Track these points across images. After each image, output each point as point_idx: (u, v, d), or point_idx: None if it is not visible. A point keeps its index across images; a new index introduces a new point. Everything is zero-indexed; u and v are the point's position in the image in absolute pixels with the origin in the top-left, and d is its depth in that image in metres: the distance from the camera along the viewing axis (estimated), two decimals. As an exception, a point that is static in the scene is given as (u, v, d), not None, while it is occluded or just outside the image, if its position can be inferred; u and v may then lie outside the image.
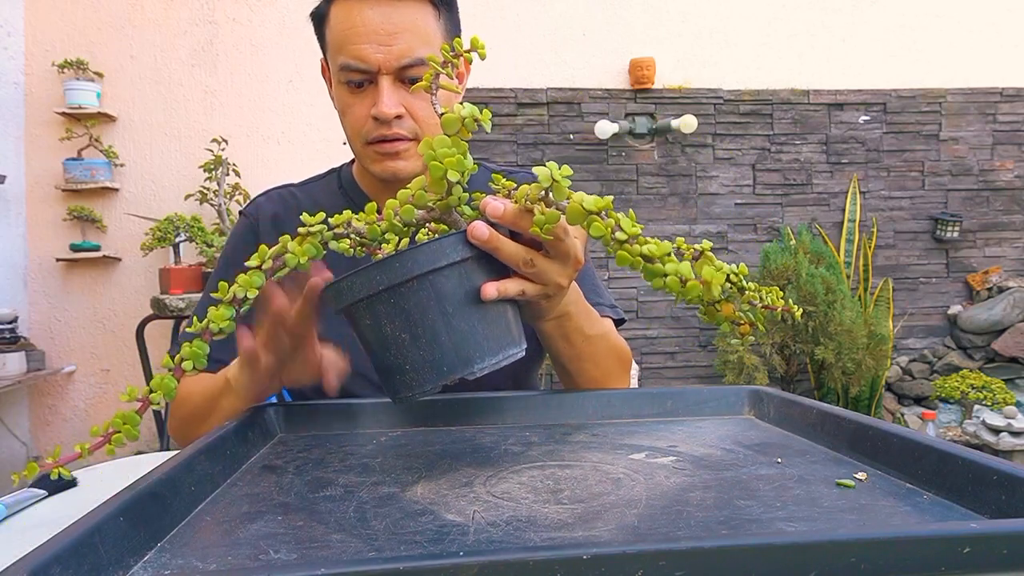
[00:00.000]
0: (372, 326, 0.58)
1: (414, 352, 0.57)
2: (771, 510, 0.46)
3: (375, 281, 0.56)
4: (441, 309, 0.57)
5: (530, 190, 0.59)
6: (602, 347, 0.88)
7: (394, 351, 0.58)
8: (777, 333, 3.03)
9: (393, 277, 0.56)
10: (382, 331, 0.58)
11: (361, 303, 0.58)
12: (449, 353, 0.57)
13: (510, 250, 0.60)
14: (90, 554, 0.37)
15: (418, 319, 0.57)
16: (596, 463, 0.58)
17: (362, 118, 0.92)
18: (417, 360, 0.57)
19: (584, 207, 0.56)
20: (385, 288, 0.56)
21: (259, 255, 0.58)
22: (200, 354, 0.56)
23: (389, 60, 0.89)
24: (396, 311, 0.57)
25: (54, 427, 3.15)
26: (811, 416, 0.66)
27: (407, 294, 0.56)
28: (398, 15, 0.88)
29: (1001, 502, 0.44)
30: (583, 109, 3.31)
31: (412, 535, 0.42)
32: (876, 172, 3.46)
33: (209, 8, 3.17)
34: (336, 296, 0.60)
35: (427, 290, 0.57)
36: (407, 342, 0.57)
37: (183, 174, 3.14)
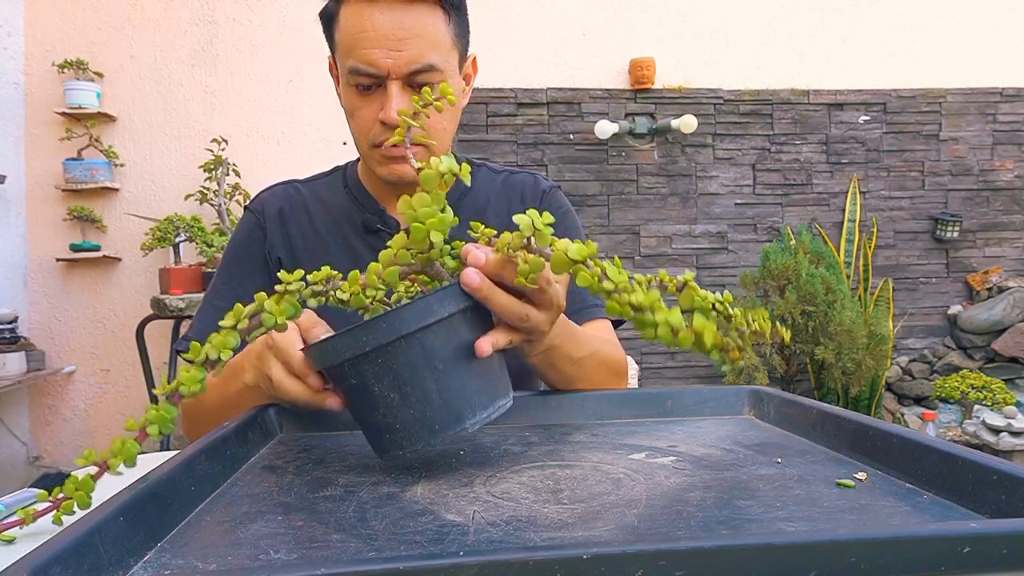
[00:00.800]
0: (359, 386, 0.57)
1: (404, 411, 0.56)
2: (771, 510, 0.46)
3: (362, 342, 0.55)
4: (431, 367, 0.56)
5: (512, 238, 0.58)
6: (591, 366, 0.87)
7: (383, 410, 0.56)
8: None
9: (380, 337, 0.54)
10: (370, 391, 0.56)
11: (347, 363, 0.56)
12: (440, 410, 0.56)
13: (502, 301, 0.59)
14: (90, 554, 0.37)
15: (407, 378, 0.55)
16: (596, 463, 0.58)
17: (369, 121, 0.92)
18: (407, 419, 0.56)
19: (569, 256, 0.54)
20: (372, 348, 0.54)
21: (234, 314, 0.56)
22: (167, 419, 0.54)
23: (399, 65, 0.88)
24: (384, 371, 0.55)
25: (54, 427, 3.15)
26: (811, 416, 0.66)
27: (395, 353, 0.55)
28: (409, 20, 0.88)
29: (1001, 502, 0.44)
30: (583, 109, 3.31)
31: (412, 535, 0.42)
32: (876, 172, 3.46)
33: (209, 8, 3.17)
34: (321, 356, 0.58)
35: (416, 348, 0.55)
36: (396, 401, 0.56)
37: (183, 174, 3.14)
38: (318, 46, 1.02)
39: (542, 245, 0.57)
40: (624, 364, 0.96)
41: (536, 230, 0.56)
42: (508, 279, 0.59)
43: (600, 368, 0.89)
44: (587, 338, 0.88)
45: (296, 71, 3.19)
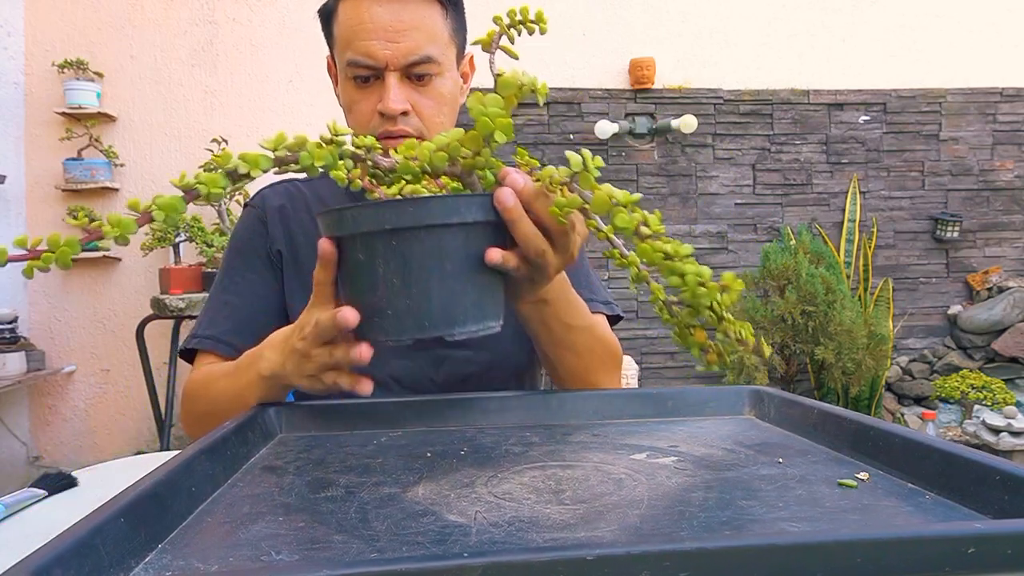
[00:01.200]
0: (365, 262, 0.57)
1: (401, 299, 0.56)
2: (773, 510, 0.45)
3: (383, 219, 0.55)
4: (440, 264, 0.56)
5: (556, 173, 0.59)
6: (585, 339, 0.87)
7: (381, 293, 0.57)
8: (777, 333, 3.03)
9: (403, 220, 0.55)
10: (374, 270, 0.56)
11: (360, 236, 0.56)
12: (436, 310, 0.57)
13: (526, 229, 0.60)
14: (91, 555, 0.37)
15: (415, 268, 0.56)
16: (597, 463, 0.58)
17: (368, 114, 0.92)
18: (402, 308, 0.57)
19: (613, 198, 0.55)
20: (391, 228, 0.55)
21: (276, 140, 0.55)
22: (177, 207, 0.52)
23: (396, 57, 0.89)
24: (395, 254, 0.56)
25: (54, 427, 3.14)
26: (812, 416, 0.66)
27: (412, 241, 0.55)
28: (407, 13, 0.89)
29: (1004, 502, 0.44)
30: (583, 109, 3.31)
31: (414, 536, 0.42)
32: (876, 172, 3.46)
33: (209, 8, 3.16)
34: (336, 223, 0.58)
35: (433, 242, 0.56)
36: (397, 287, 0.56)
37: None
38: (318, 46, 1.02)
39: (584, 188, 0.57)
40: (619, 354, 0.96)
41: (584, 170, 0.56)
42: (539, 211, 0.60)
43: (594, 346, 0.89)
44: (585, 311, 0.88)
45: (296, 71, 3.19)
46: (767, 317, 3.02)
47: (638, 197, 0.56)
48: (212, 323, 0.98)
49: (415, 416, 0.73)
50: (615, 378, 0.95)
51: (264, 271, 1.01)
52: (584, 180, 0.57)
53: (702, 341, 0.57)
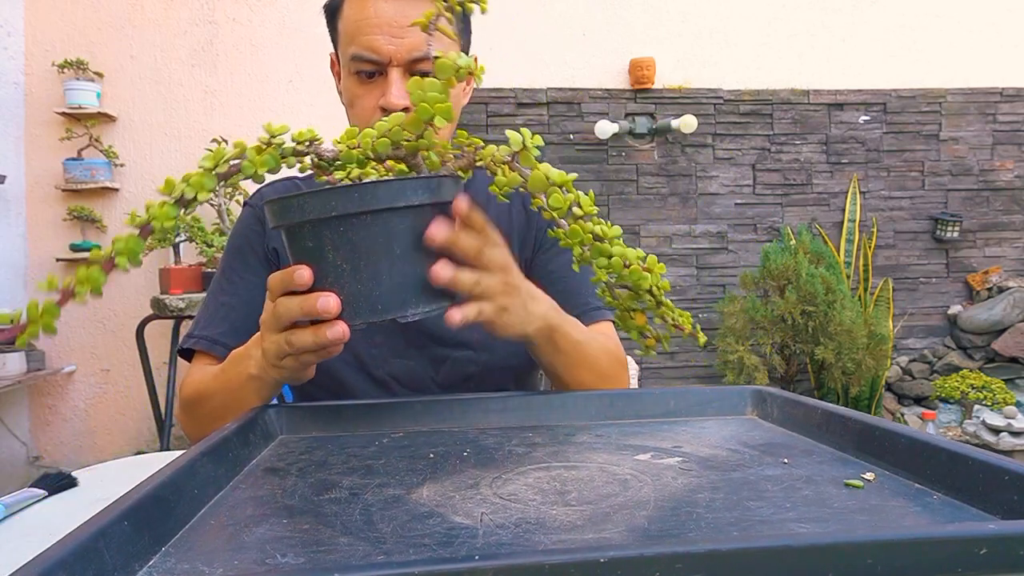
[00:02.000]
0: (313, 249, 0.57)
1: (352, 284, 0.57)
2: (781, 511, 0.45)
3: (329, 206, 0.55)
4: (388, 248, 0.57)
5: (496, 152, 0.60)
6: (594, 349, 0.87)
7: (332, 279, 0.57)
8: (777, 333, 3.03)
9: (349, 206, 0.55)
10: (323, 257, 0.57)
11: (307, 224, 0.56)
12: (387, 293, 0.57)
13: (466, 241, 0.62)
14: (95, 559, 0.36)
15: (364, 253, 0.56)
16: (602, 464, 0.58)
17: (370, 109, 0.93)
18: (353, 293, 0.57)
19: (549, 177, 0.57)
20: (338, 215, 0.55)
21: (215, 156, 0.55)
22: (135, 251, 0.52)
23: (400, 52, 0.90)
24: (343, 241, 0.56)
25: (54, 427, 3.14)
26: (816, 416, 0.66)
27: (359, 226, 0.56)
28: (412, 9, 0.90)
29: (1013, 502, 0.43)
30: (583, 109, 3.31)
31: (420, 538, 0.42)
32: (876, 172, 3.46)
33: (209, 8, 3.16)
34: (282, 212, 0.58)
35: (381, 226, 0.56)
36: (347, 273, 0.57)
37: (183, 174, 3.13)
38: (318, 46, 1.02)
39: (525, 165, 0.59)
40: (623, 356, 0.97)
41: (524, 148, 0.58)
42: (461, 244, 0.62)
43: (602, 354, 0.89)
44: (582, 326, 0.89)
45: (296, 71, 3.19)
46: (767, 317, 3.02)
47: (574, 177, 0.58)
48: (208, 324, 0.98)
49: (417, 417, 0.73)
50: (625, 380, 0.95)
51: (261, 271, 1.01)
52: (524, 158, 0.59)
53: (641, 325, 0.59)
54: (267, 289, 0.65)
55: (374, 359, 0.98)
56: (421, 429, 0.72)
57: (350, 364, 0.97)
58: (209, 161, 0.55)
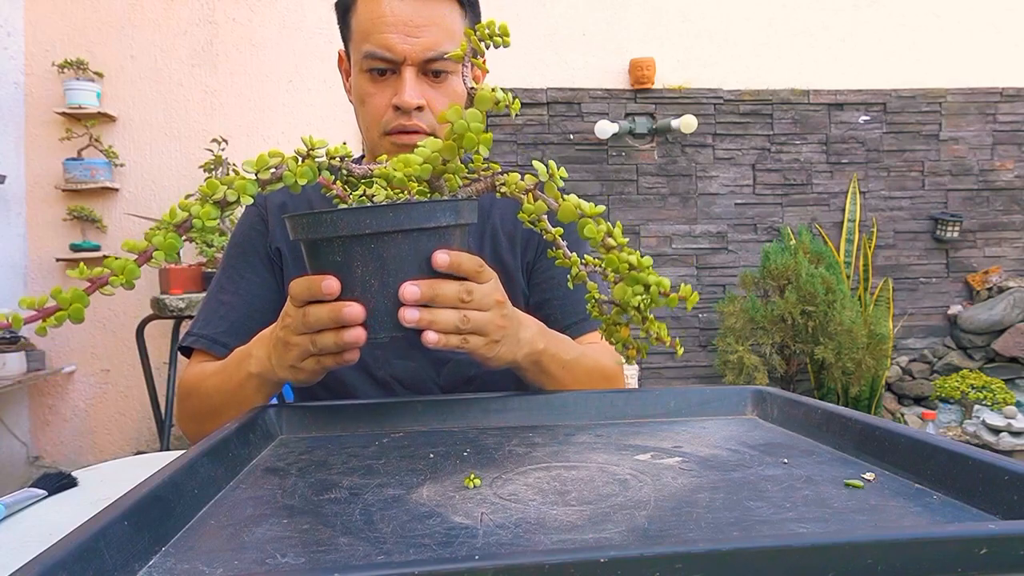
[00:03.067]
0: (341, 263, 0.59)
1: (379, 299, 0.59)
2: (781, 511, 0.45)
3: (363, 224, 0.57)
4: (416, 265, 0.60)
5: (520, 181, 0.62)
6: (583, 368, 0.88)
7: (358, 293, 0.59)
8: (777, 333, 3.02)
9: (382, 224, 0.57)
10: (351, 270, 0.59)
11: (337, 240, 0.58)
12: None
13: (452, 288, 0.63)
14: (95, 559, 0.36)
15: (393, 269, 0.59)
16: (602, 464, 0.58)
17: (382, 107, 0.92)
18: (379, 308, 0.60)
19: (580, 209, 0.60)
20: (371, 232, 0.57)
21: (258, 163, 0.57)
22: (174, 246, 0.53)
23: (415, 51, 0.90)
24: (373, 257, 0.58)
25: (54, 427, 3.14)
26: (816, 416, 0.66)
27: (390, 244, 0.58)
28: (427, 9, 0.90)
29: (1013, 502, 0.43)
30: (583, 109, 3.31)
31: (420, 538, 0.42)
32: (876, 172, 3.46)
33: (209, 8, 3.16)
34: (312, 226, 0.59)
35: (410, 245, 0.59)
36: (374, 289, 0.59)
37: (183, 174, 3.13)
38: (318, 46, 1.02)
39: (549, 195, 0.61)
40: (618, 370, 0.97)
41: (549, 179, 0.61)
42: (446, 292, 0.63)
43: (592, 372, 0.90)
44: (572, 343, 0.90)
45: (296, 71, 3.19)
46: (767, 317, 3.02)
47: (603, 209, 0.60)
48: (208, 322, 0.98)
49: (417, 417, 0.73)
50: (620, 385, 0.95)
51: (263, 270, 1.01)
52: (549, 189, 0.61)
53: (625, 337, 0.62)
54: (289, 295, 0.65)
55: (376, 360, 0.98)
56: (421, 429, 0.72)
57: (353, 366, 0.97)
58: (252, 166, 0.57)
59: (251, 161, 0.57)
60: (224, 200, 0.55)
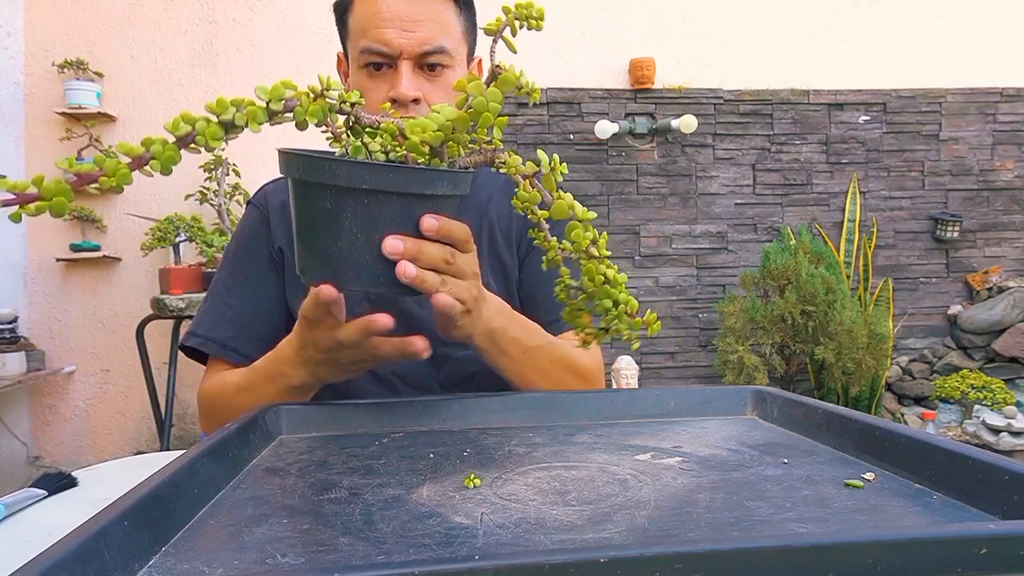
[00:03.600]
0: (331, 211, 0.58)
1: (362, 254, 0.59)
2: (781, 511, 0.45)
3: (361, 178, 0.56)
4: (405, 229, 0.60)
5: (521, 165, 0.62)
6: (548, 357, 0.88)
7: (342, 244, 0.59)
8: (777, 333, 3.02)
9: (380, 183, 0.57)
10: (339, 222, 0.58)
11: (332, 188, 0.57)
12: (391, 269, 0.60)
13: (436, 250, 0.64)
14: (95, 559, 0.36)
15: (381, 227, 0.59)
16: (602, 464, 0.58)
17: (378, 100, 0.94)
18: (361, 262, 0.59)
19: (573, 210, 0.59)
20: (367, 188, 0.56)
21: (272, 91, 0.55)
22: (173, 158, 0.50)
23: (411, 45, 0.91)
24: (365, 212, 0.58)
25: (54, 427, 3.14)
26: (816, 416, 0.66)
27: (384, 202, 0.58)
28: (422, 5, 0.92)
29: (1013, 502, 0.43)
30: (583, 109, 3.31)
31: (420, 538, 0.42)
32: (876, 172, 3.46)
33: (209, 8, 3.16)
34: (307, 168, 0.58)
35: (404, 207, 0.59)
36: (359, 243, 0.59)
37: (183, 174, 3.13)
38: (318, 46, 1.03)
39: (546, 187, 0.61)
40: (593, 368, 0.96)
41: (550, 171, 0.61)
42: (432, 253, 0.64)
43: (557, 364, 0.90)
44: (539, 331, 0.90)
45: (296, 71, 3.19)
46: (767, 317, 3.02)
47: (594, 216, 0.60)
48: (215, 326, 0.98)
49: (417, 417, 0.73)
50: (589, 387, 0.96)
51: (267, 271, 1.01)
52: (546, 180, 0.60)
53: (586, 324, 0.63)
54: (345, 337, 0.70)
55: None
56: (421, 429, 0.72)
57: None
58: (266, 94, 0.55)
59: (264, 88, 0.55)
60: (231, 122, 0.52)
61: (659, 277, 3.39)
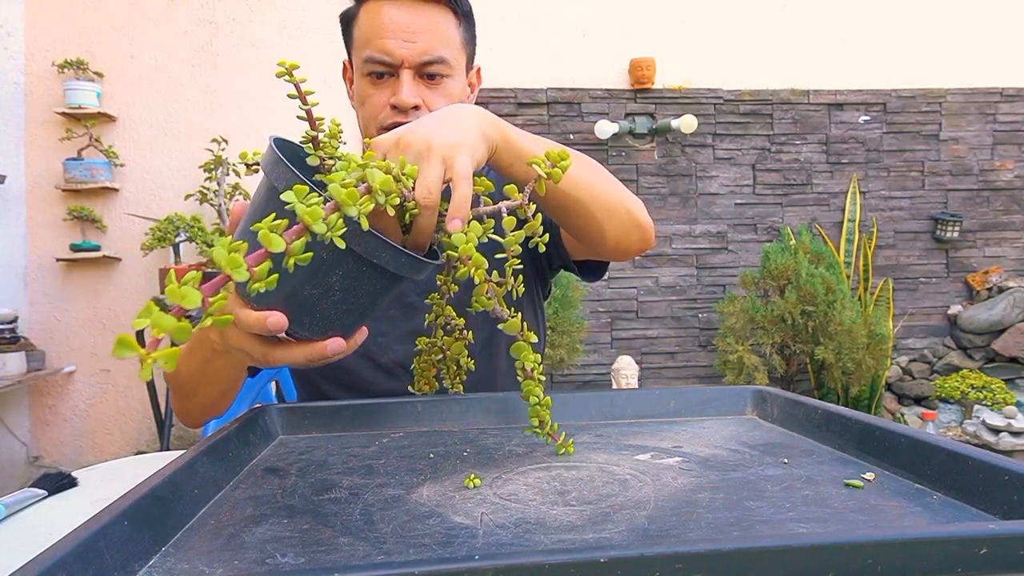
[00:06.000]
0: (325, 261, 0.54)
1: (330, 309, 0.57)
2: (781, 511, 0.45)
3: (375, 253, 0.54)
4: (381, 303, 0.60)
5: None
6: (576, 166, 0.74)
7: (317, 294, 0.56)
8: (777, 333, 3.02)
9: (389, 264, 0.54)
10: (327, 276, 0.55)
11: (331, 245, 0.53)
12: (348, 328, 0.59)
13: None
14: (95, 559, 0.36)
15: (363, 297, 0.57)
16: (602, 464, 0.58)
17: (380, 106, 0.97)
18: (327, 315, 0.57)
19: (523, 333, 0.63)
20: (374, 263, 0.54)
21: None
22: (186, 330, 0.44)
23: (412, 55, 0.95)
24: (357, 279, 0.56)
25: (54, 427, 3.14)
26: (816, 416, 0.66)
27: (378, 278, 0.56)
28: (423, 17, 0.96)
29: (1013, 502, 0.43)
30: (583, 109, 3.31)
31: (420, 538, 0.42)
32: (876, 172, 3.46)
33: (209, 8, 3.16)
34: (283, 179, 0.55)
35: (391, 287, 0.59)
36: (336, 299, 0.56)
37: (183, 174, 3.13)
38: (318, 46, 1.04)
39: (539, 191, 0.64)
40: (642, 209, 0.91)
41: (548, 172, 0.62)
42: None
43: (597, 171, 0.83)
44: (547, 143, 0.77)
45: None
46: (767, 317, 3.02)
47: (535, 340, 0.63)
48: None
49: (417, 417, 0.73)
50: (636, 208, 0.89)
51: None
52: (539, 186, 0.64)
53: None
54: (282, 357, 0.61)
55: (380, 347, 1.00)
56: (421, 429, 0.72)
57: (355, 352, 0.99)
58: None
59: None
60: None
61: (659, 277, 3.39)
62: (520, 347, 0.62)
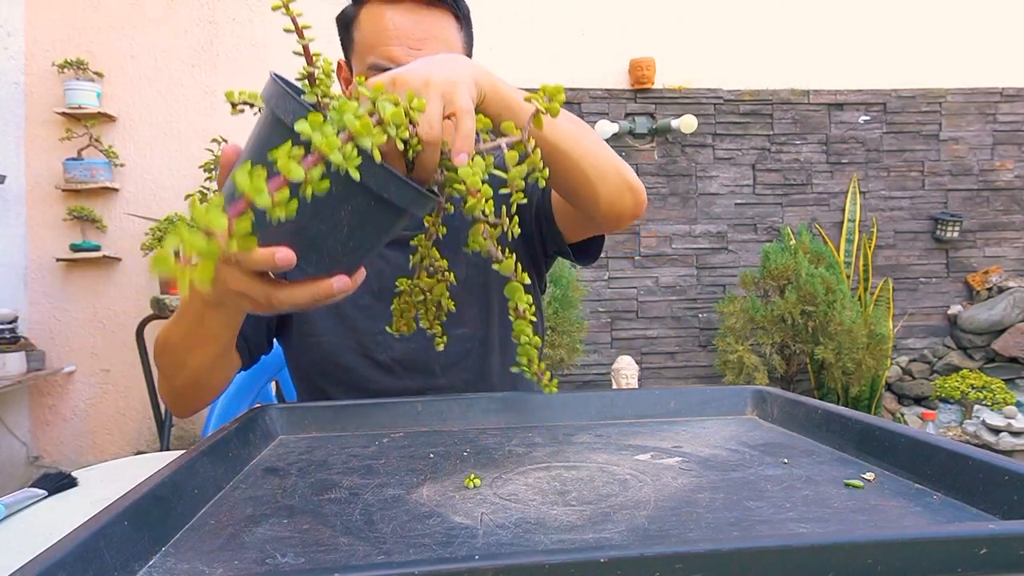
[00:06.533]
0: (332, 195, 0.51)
1: (335, 244, 0.55)
2: (781, 511, 0.45)
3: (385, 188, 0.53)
4: (385, 237, 0.58)
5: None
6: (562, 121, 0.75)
7: (325, 228, 0.54)
8: (777, 333, 3.02)
9: (398, 199, 0.54)
10: (336, 208, 0.54)
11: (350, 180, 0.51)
12: (350, 265, 0.57)
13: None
14: (95, 559, 0.36)
15: (370, 232, 0.56)
16: (602, 464, 0.58)
17: None
18: (333, 251, 0.56)
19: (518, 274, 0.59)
20: (383, 196, 0.53)
21: None
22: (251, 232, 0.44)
23: None
24: (364, 214, 0.55)
25: (54, 427, 3.14)
26: (816, 416, 0.66)
27: (384, 213, 0.55)
28: (427, 23, 0.95)
29: (1013, 502, 0.43)
30: (583, 109, 3.31)
31: (420, 538, 0.42)
32: (876, 172, 3.46)
33: (209, 8, 3.16)
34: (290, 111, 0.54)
35: (396, 220, 0.57)
36: (342, 236, 0.55)
37: (183, 174, 3.13)
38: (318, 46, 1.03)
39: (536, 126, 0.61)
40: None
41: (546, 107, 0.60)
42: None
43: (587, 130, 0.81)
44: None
45: (296, 71, 3.18)
46: (767, 317, 3.02)
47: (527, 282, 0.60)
48: None
49: (416, 417, 0.73)
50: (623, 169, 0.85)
51: None
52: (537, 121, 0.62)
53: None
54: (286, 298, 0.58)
55: (378, 344, 1.00)
56: (421, 429, 0.72)
57: (353, 350, 1.00)
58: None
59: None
60: None
61: (659, 277, 3.39)
62: (513, 288, 0.59)
